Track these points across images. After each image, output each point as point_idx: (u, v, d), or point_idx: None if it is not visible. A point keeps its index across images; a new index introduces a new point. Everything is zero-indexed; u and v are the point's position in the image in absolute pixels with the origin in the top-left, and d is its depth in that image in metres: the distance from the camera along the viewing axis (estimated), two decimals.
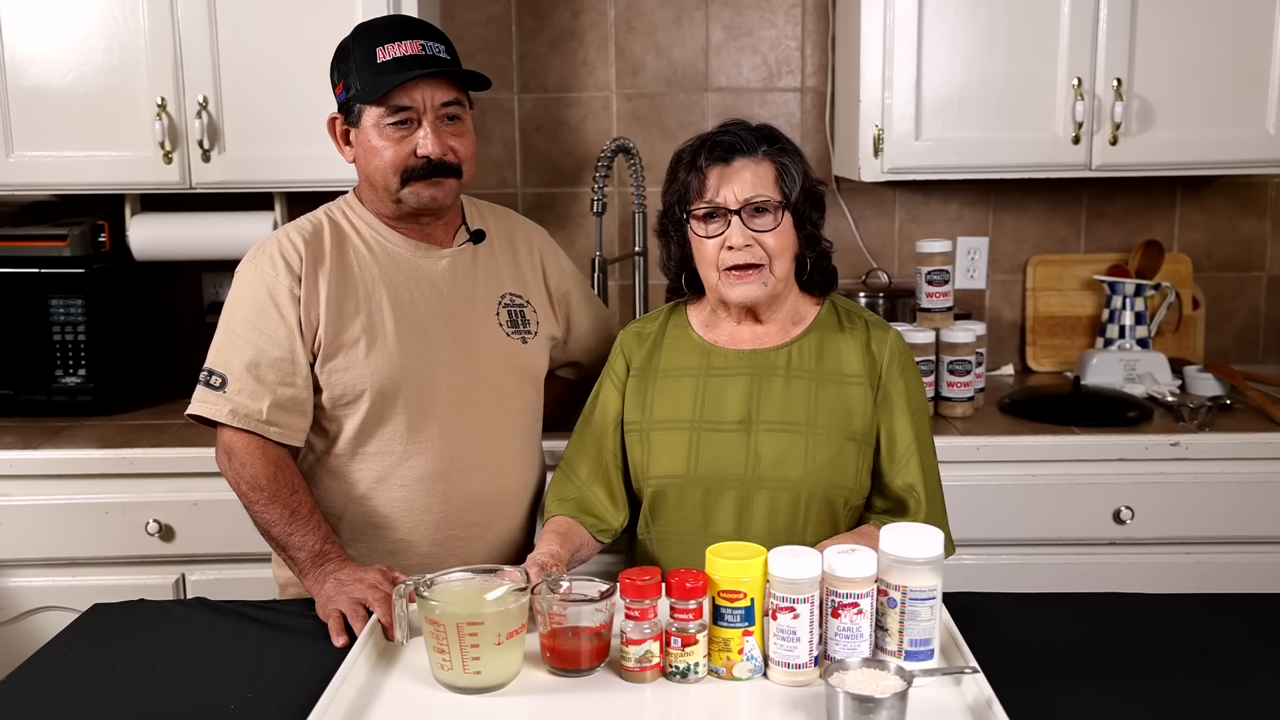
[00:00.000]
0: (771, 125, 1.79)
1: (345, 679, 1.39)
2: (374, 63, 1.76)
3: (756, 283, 1.73)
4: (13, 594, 2.41)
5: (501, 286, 1.94)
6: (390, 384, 1.81)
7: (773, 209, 1.71)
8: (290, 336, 1.78)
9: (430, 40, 1.79)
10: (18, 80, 2.52)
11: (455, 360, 1.86)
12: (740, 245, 1.71)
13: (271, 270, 1.79)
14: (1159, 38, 2.50)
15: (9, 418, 2.61)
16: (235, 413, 1.76)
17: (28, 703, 1.43)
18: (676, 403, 1.80)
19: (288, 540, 1.74)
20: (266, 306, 1.78)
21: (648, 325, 1.90)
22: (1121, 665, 1.49)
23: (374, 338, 1.81)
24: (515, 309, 1.93)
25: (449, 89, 1.79)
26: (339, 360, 1.80)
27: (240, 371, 1.77)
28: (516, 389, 1.93)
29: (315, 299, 1.79)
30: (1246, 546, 2.40)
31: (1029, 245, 2.97)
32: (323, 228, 1.85)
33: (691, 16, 2.89)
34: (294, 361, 1.78)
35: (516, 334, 1.92)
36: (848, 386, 1.77)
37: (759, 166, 1.72)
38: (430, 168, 1.78)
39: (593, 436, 1.86)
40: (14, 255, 2.60)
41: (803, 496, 1.73)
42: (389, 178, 1.80)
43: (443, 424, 1.85)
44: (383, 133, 1.78)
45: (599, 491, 1.83)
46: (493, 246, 1.95)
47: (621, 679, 1.43)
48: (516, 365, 1.92)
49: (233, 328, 1.80)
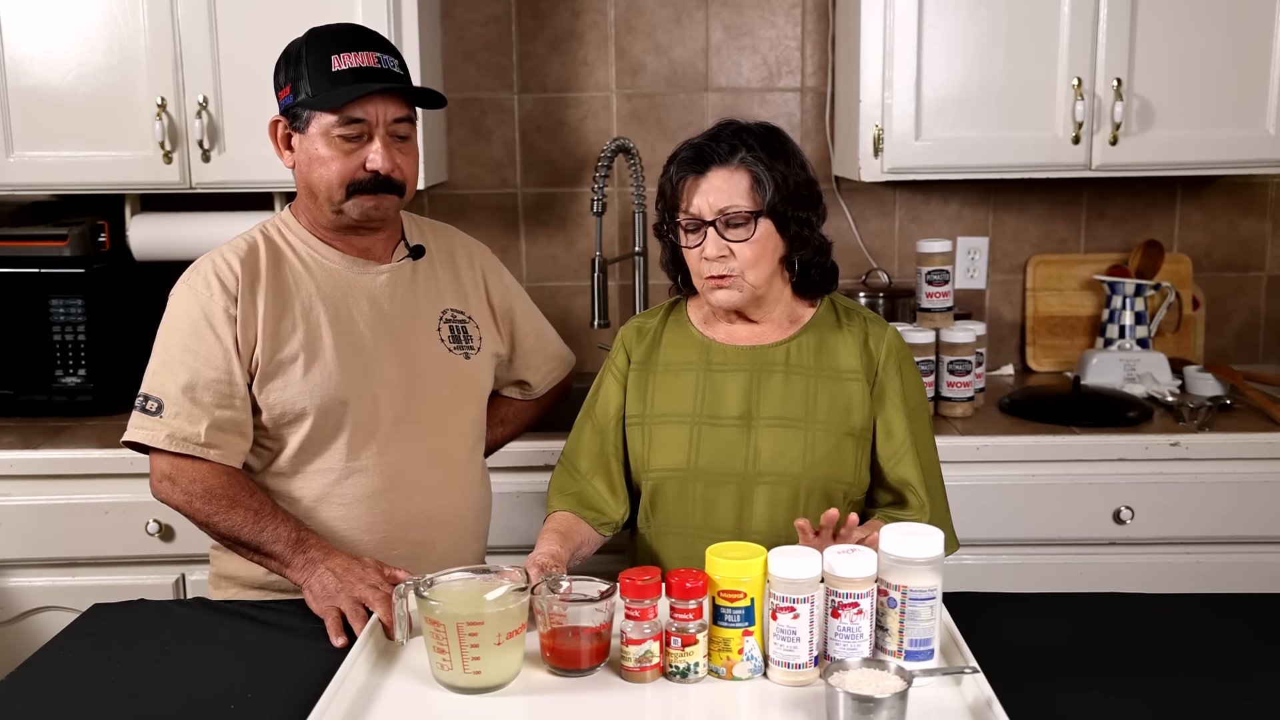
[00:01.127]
0: (767, 124, 1.78)
1: (345, 679, 1.39)
2: (328, 70, 1.73)
3: (731, 289, 1.74)
4: (13, 594, 2.41)
5: (442, 302, 1.91)
6: (330, 402, 1.78)
7: (745, 219, 1.71)
8: (226, 357, 1.74)
9: (385, 53, 1.77)
10: (18, 80, 2.52)
11: (396, 377, 1.82)
12: (714, 256, 1.71)
13: (206, 291, 1.76)
14: (1159, 38, 2.50)
15: (9, 418, 2.61)
16: (173, 437, 1.72)
17: (28, 703, 1.43)
18: (677, 397, 1.80)
19: (259, 538, 1.70)
20: (201, 328, 1.75)
21: (648, 320, 1.90)
22: (1121, 665, 1.49)
23: (312, 355, 1.78)
24: (457, 325, 1.91)
25: (401, 105, 1.77)
26: (278, 380, 1.76)
27: (176, 395, 1.73)
28: (460, 405, 1.91)
29: (252, 318, 1.76)
30: (1246, 546, 2.41)
31: (1029, 245, 2.97)
32: (258, 246, 1.82)
33: (691, 16, 2.89)
34: (231, 383, 1.74)
35: (459, 349, 1.89)
36: (846, 382, 1.77)
37: (733, 175, 1.71)
38: (377, 183, 1.76)
39: (594, 429, 1.86)
40: (14, 255, 2.60)
41: (802, 491, 1.74)
42: (334, 189, 1.76)
43: (384, 442, 1.81)
44: (331, 143, 1.74)
45: (599, 485, 1.83)
46: (433, 262, 1.92)
47: (621, 679, 1.43)
48: (459, 381, 1.89)
49: (168, 351, 1.77)
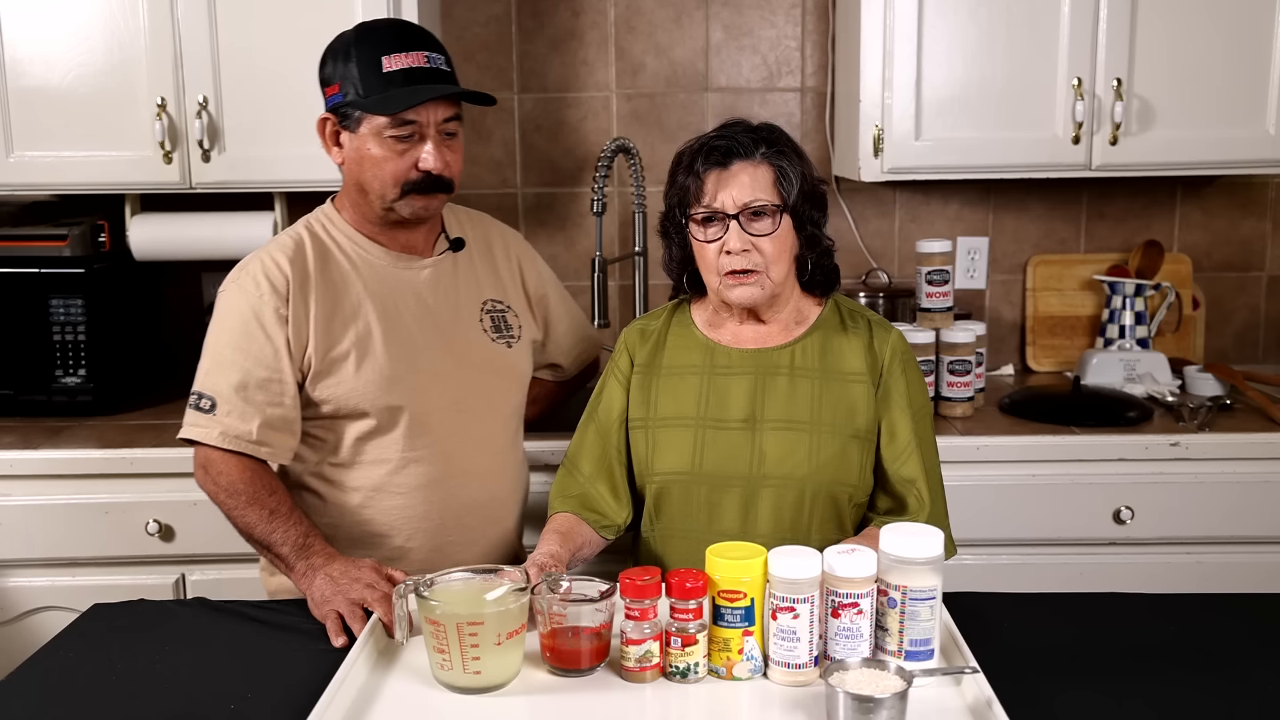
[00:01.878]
0: (774, 124, 1.78)
1: (345, 679, 1.39)
2: (379, 71, 1.76)
3: (755, 286, 1.73)
4: (13, 594, 2.41)
5: (483, 293, 1.95)
6: (384, 396, 1.81)
7: (770, 213, 1.71)
8: (277, 357, 1.78)
9: (433, 51, 1.80)
10: (18, 80, 2.52)
11: (445, 368, 1.86)
12: (738, 250, 1.71)
13: (255, 291, 1.79)
14: (1159, 38, 2.50)
15: (9, 418, 2.61)
16: (225, 434, 1.77)
17: (28, 703, 1.43)
18: (681, 400, 1.80)
19: (270, 538, 1.73)
20: (252, 328, 1.78)
21: (651, 322, 1.90)
22: (1121, 665, 1.49)
23: (364, 352, 1.81)
24: (498, 314, 1.95)
25: (451, 105, 1.80)
26: (331, 377, 1.80)
27: (229, 393, 1.77)
28: (506, 393, 1.95)
29: (304, 319, 1.79)
30: (1246, 546, 2.41)
31: (1029, 245, 2.97)
32: (304, 244, 1.84)
33: (691, 16, 2.89)
34: (282, 381, 1.78)
35: (501, 339, 1.93)
36: (851, 385, 1.77)
37: (757, 169, 1.72)
38: (429, 182, 1.80)
39: (597, 432, 1.86)
40: (14, 255, 2.60)
41: (807, 494, 1.74)
42: (387, 188, 1.80)
43: (438, 432, 1.86)
44: (384, 143, 1.78)
45: (602, 488, 1.83)
46: (471, 254, 1.96)
47: (621, 679, 1.43)
48: (503, 370, 1.94)
49: (219, 350, 1.80)
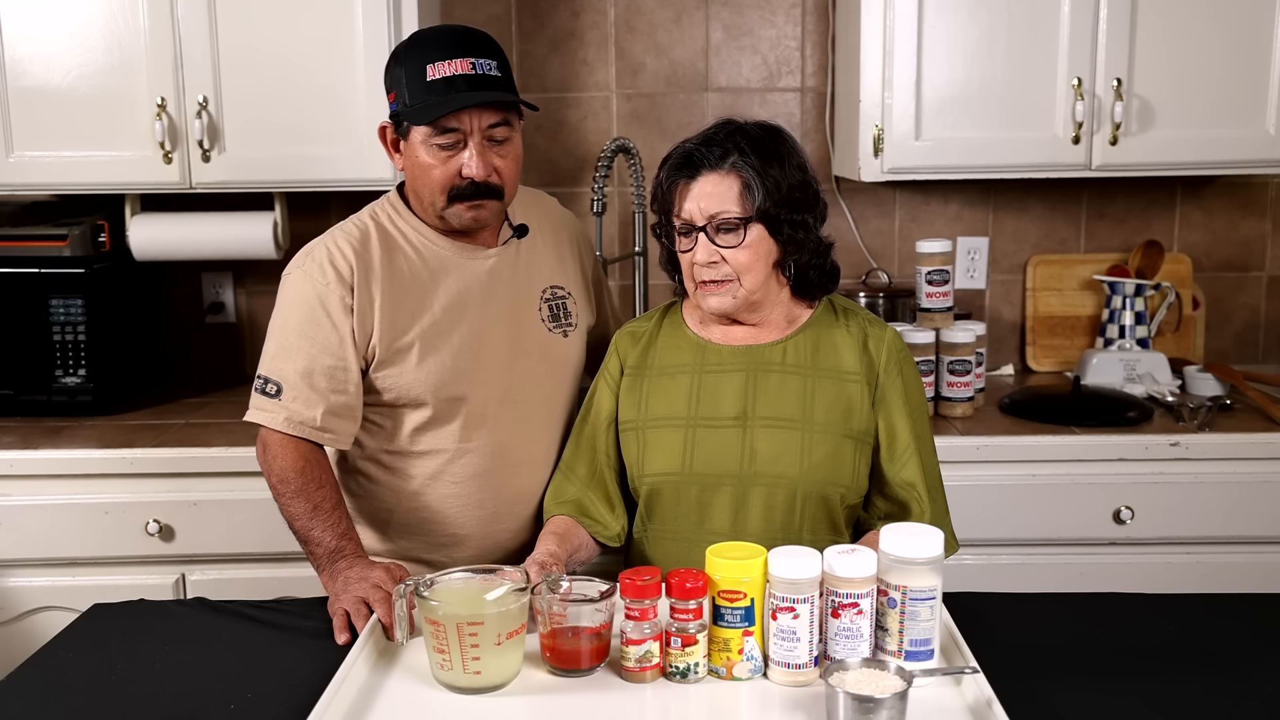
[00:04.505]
0: (765, 124, 1.76)
1: (345, 679, 1.39)
2: (424, 79, 1.75)
3: (727, 295, 1.73)
4: (13, 594, 2.41)
5: (544, 279, 1.95)
6: (445, 386, 1.83)
7: (735, 226, 1.70)
8: (342, 344, 1.79)
9: (481, 57, 1.78)
10: (18, 80, 2.52)
11: (504, 359, 1.88)
12: (705, 262, 1.71)
13: (322, 278, 1.80)
14: (1159, 38, 2.50)
15: (9, 418, 2.61)
16: (290, 420, 1.78)
17: (28, 703, 1.43)
18: (672, 400, 1.79)
19: (308, 534, 1.75)
20: (318, 314, 1.79)
21: (642, 324, 1.89)
22: (1121, 665, 1.49)
23: (428, 343, 1.82)
24: (556, 302, 1.95)
25: (496, 111, 1.79)
26: (394, 367, 1.82)
27: (295, 379, 1.78)
28: (560, 383, 1.95)
29: (369, 309, 1.80)
30: (1246, 546, 2.41)
31: (1029, 245, 2.97)
32: (370, 234, 1.85)
33: (691, 16, 2.89)
34: (346, 369, 1.80)
35: (558, 328, 1.94)
36: (845, 384, 1.76)
37: (724, 180, 1.70)
38: (475, 189, 1.79)
39: (588, 439, 1.86)
40: (14, 255, 2.60)
41: (799, 494, 1.73)
42: (435, 195, 1.81)
43: (494, 423, 1.87)
44: (430, 151, 1.78)
45: (595, 496, 1.83)
46: (535, 238, 1.96)
47: (621, 679, 1.43)
48: (558, 359, 1.94)
49: (285, 336, 1.81)
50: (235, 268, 2.94)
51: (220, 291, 2.97)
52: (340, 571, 1.69)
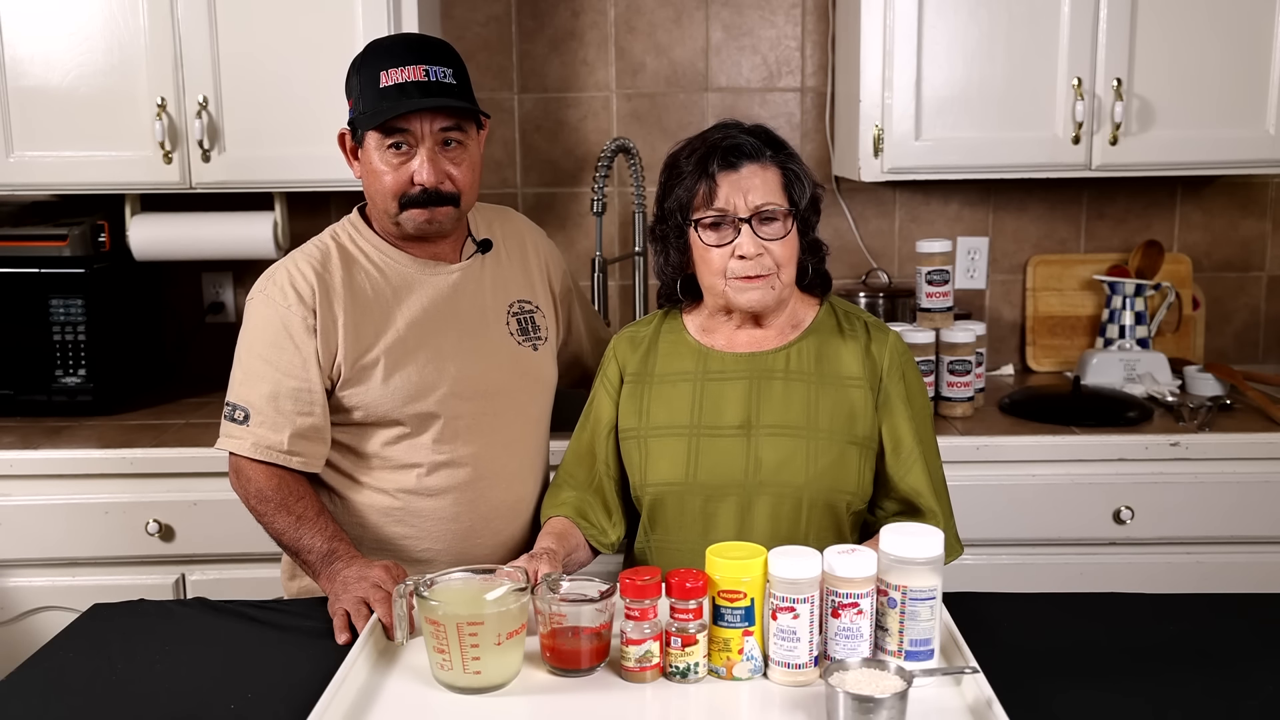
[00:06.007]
0: (766, 127, 1.76)
1: (345, 679, 1.39)
2: (377, 86, 1.75)
3: (765, 288, 1.71)
4: (13, 594, 2.41)
5: (511, 294, 1.94)
6: (413, 402, 1.81)
7: (781, 217, 1.70)
8: (306, 366, 1.78)
9: (436, 64, 1.77)
10: (18, 80, 2.52)
11: (473, 374, 1.86)
12: (751, 254, 1.69)
13: (283, 301, 1.79)
14: (1159, 38, 2.50)
15: (9, 418, 2.61)
16: (257, 445, 1.77)
17: (28, 703, 1.43)
18: (674, 408, 1.78)
19: (298, 544, 1.75)
20: (281, 338, 1.78)
21: (641, 329, 1.88)
22: (1122, 665, 1.49)
23: (393, 360, 1.81)
24: (525, 316, 1.94)
25: (448, 115, 1.77)
26: (360, 385, 1.80)
27: (261, 404, 1.78)
28: (533, 397, 1.94)
29: (333, 327, 1.79)
30: (1246, 546, 2.41)
31: (1029, 245, 2.97)
32: (330, 253, 1.84)
33: (691, 16, 2.89)
34: (310, 390, 1.78)
35: (527, 341, 1.92)
36: (848, 389, 1.75)
37: (766, 173, 1.70)
38: (426, 196, 1.78)
39: (587, 445, 1.85)
40: (14, 255, 2.60)
41: (805, 501, 1.71)
42: (388, 201, 1.80)
43: (466, 437, 1.85)
44: (383, 156, 1.78)
45: (593, 501, 1.82)
46: (500, 253, 1.95)
47: (621, 679, 1.43)
48: (529, 373, 1.93)
49: (249, 361, 1.81)
50: (235, 268, 2.94)
51: (220, 291, 2.97)
52: (338, 573, 1.69)
